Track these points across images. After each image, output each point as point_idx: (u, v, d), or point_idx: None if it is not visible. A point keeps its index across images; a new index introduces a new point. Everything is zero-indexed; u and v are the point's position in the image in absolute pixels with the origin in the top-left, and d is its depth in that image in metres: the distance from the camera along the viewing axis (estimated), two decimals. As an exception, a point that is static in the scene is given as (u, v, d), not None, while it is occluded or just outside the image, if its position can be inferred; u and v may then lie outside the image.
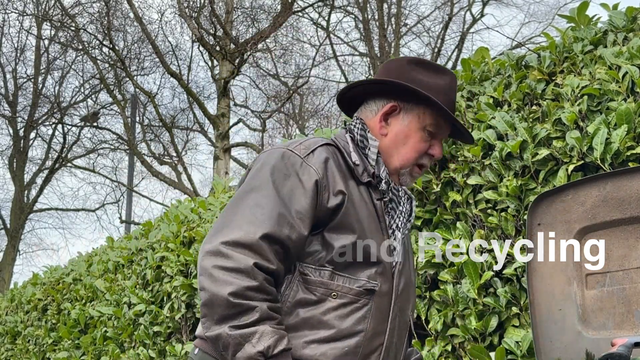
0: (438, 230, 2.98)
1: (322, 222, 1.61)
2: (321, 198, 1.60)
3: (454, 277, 2.89)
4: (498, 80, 3.14)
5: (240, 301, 1.48)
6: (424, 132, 1.74)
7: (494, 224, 2.81)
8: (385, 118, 1.77)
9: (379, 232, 1.69)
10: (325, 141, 1.72)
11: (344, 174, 1.67)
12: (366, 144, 1.75)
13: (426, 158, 1.77)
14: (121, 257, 5.61)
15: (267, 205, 1.56)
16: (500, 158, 2.83)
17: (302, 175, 1.61)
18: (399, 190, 1.78)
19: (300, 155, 1.65)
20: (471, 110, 3.11)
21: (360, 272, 1.63)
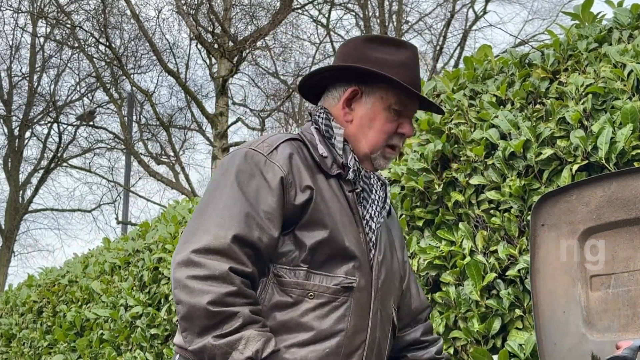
0: (440, 231, 2.98)
1: (292, 220, 1.60)
2: (288, 195, 1.59)
3: (456, 278, 2.89)
4: (501, 79, 3.14)
5: (221, 309, 1.46)
6: (389, 112, 1.71)
7: (497, 225, 2.81)
8: (347, 104, 1.74)
9: (353, 225, 1.67)
10: (290, 136, 1.71)
11: (310, 169, 1.65)
12: (332, 134, 1.72)
13: (397, 138, 1.74)
14: (118, 258, 5.61)
15: (234, 208, 1.55)
16: (504, 158, 2.83)
17: (267, 173, 1.59)
18: (370, 177, 1.75)
19: (264, 153, 1.63)
20: (474, 109, 3.11)
21: (337, 268, 1.61)
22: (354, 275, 1.63)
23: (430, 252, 2.96)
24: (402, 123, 1.73)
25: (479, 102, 3.12)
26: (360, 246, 1.67)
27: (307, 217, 1.59)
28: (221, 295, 1.46)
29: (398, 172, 3.20)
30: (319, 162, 1.68)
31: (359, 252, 1.66)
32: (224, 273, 1.48)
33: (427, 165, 3.08)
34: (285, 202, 1.59)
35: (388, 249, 1.79)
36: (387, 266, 1.76)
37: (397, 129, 1.73)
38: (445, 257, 2.96)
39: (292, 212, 1.60)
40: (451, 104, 3.20)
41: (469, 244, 2.88)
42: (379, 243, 1.75)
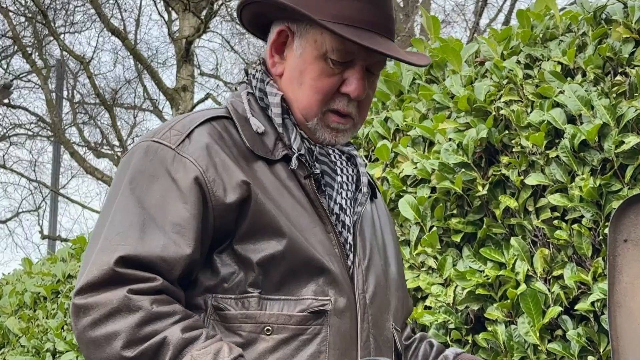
0: (485, 249, 2.98)
1: (226, 231, 1.60)
2: (210, 198, 1.58)
3: (506, 314, 2.89)
4: (568, 40, 3.14)
5: (140, 347, 1.47)
6: (325, 61, 1.68)
7: (563, 241, 2.81)
8: (278, 50, 1.74)
9: (317, 223, 1.66)
10: (211, 114, 1.70)
11: (244, 156, 1.65)
12: (267, 102, 1.73)
13: (340, 99, 1.70)
14: (43, 286, 5.61)
15: (125, 222, 1.56)
16: (572, 148, 2.82)
17: (176, 172, 1.59)
18: (329, 153, 1.74)
19: (171, 144, 1.62)
20: (531, 82, 3.10)
21: (302, 287, 1.61)
22: (327, 293, 1.62)
23: (472, 277, 2.96)
24: (347, 78, 1.69)
25: (539, 73, 3.11)
26: (331, 252, 1.66)
27: (247, 223, 1.59)
28: (132, 330, 1.48)
29: (427, 169, 3.20)
30: (254, 144, 1.67)
31: (330, 261, 1.64)
32: (123, 301, 1.49)
33: (466, 159, 3.08)
34: (208, 209, 1.58)
35: (376, 248, 1.78)
36: (377, 272, 1.75)
37: (340, 86, 1.70)
38: (491, 284, 2.95)
39: (223, 220, 1.59)
40: (500, 75, 3.19)
41: (525, 267, 2.87)
42: (361, 242, 1.74)
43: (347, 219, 1.72)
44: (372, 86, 1.76)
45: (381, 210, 1.95)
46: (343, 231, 1.70)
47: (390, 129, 3.55)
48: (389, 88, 3.72)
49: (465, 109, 3.21)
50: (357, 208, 1.76)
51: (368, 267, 1.73)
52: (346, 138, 1.75)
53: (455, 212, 3.13)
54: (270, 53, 1.75)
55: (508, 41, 3.37)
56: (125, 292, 1.50)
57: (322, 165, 1.72)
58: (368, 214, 1.83)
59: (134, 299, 1.50)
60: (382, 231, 1.87)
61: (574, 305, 2.76)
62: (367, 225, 1.80)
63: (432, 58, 3.55)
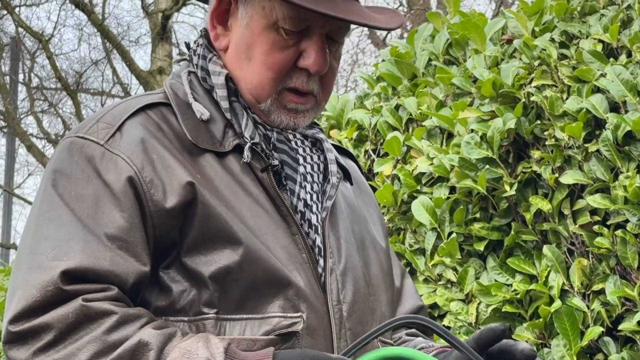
0: (513, 260, 2.98)
1: (169, 241, 1.58)
2: (147, 203, 1.56)
3: (539, 335, 2.89)
4: (611, 15, 3.13)
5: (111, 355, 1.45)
6: (276, 31, 1.66)
7: (605, 249, 2.81)
8: (220, 20, 1.72)
9: (278, 225, 1.64)
10: (145, 101, 1.68)
11: (187, 150, 1.63)
12: (211, 83, 1.70)
13: (298, 76, 1.68)
14: None
15: (61, 234, 1.54)
16: (615, 141, 2.83)
17: (106, 173, 1.57)
18: (289, 139, 1.72)
19: (99, 140, 1.60)
20: (567, 64, 3.10)
21: (267, 303, 1.58)
22: (298, 309, 1.60)
23: (498, 292, 2.96)
24: (304, 50, 1.67)
25: (576, 53, 3.11)
26: (297, 259, 1.64)
27: (195, 231, 1.57)
28: (99, 340, 1.46)
29: (445, 165, 3.20)
30: (197, 135, 1.65)
31: (296, 270, 1.62)
32: (81, 311, 1.47)
33: (491, 153, 3.08)
34: (146, 215, 1.56)
35: (354, 247, 1.76)
36: (357, 276, 1.72)
37: (295, 60, 1.67)
38: (521, 301, 2.95)
39: (164, 228, 1.57)
40: (530, 56, 3.20)
41: (559, 280, 2.87)
42: (335, 242, 1.72)
43: (314, 217, 1.69)
44: (336, 56, 1.73)
45: (362, 194, 1.93)
46: (310, 232, 1.68)
47: (402, 119, 3.54)
48: (400, 70, 3.71)
49: (489, 95, 3.21)
50: (325, 202, 1.73)
51: (344, 271, 1.70)
52: (307, 120, 1.73)
53: (478, 216, 3.13)
54: (212, 24, 1.73)
55: (540, 15, 3.37)
56: (81, 300, 1.48)
57: (282, 155, 1.69)
58: (342, 205, 1.80)
59: (94, 306, 1.48)
60: (363, 222, 1.85)
61: (618, 324, 2.76)
62: (341, 220, 1.77)
63: (451, 35, 3.55)
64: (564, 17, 3.27)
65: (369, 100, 3.83)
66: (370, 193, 1.97)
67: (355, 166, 1.98)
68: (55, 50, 16.97)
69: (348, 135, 3.70)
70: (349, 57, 18.09)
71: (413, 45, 3.76)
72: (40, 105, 17.68)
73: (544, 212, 2.98)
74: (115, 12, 22.52)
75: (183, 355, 1.44)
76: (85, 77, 17.66)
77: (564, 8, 3.27)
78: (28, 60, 17.46)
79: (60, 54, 17.73)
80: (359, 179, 1.94)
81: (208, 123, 1.67)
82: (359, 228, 1.81)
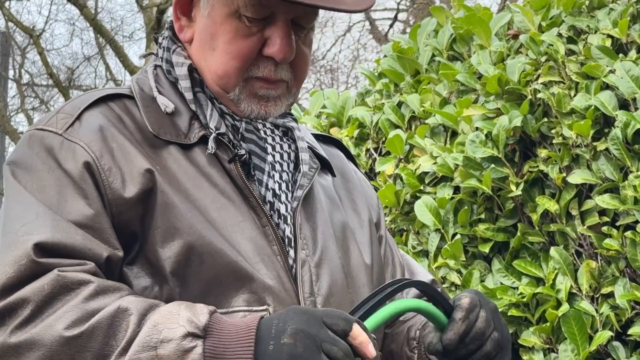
0: (519, 262, 2.97)
1: (129, 233, 1.58)
2: (105, 191, 1.58)
3: (545, 340, 2.89)
4: (620, 9, 3.13)
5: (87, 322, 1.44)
6: (238, 19, 1.67)
7: (614, 251, 2.80)
8: (184, 11, 1.74)
9: (246, 217, 1.65)
10: (107, 92, 1.70)
11: (149, 143, 1.64)
12: (176, 75, 1.72)
13: (265, 65, 1.68)
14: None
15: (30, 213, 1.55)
16: (624, 139, 2.82)
17: (65, 161, 1.59)
18: (258, 129, 1.72)
19: (58, 129, 1.62)
20: (575, 60, 3.09)
21: (231, 297, 1.59)
22: (264, 301, 1.61)
23: (503, 295, 2.95)
24: (268, 38, 1.67)
25: (584, 48, 3.10)
26: (265, 250, 1.64)
27: (155, 223, 1.58)
28: (77, 307, 1.46)
29: (449, 164, 3.20)
30: (160, 128, 1.66)
31: (263, 262, 1.63)
32: (57, 282, 1.47)
33: (497, 152, 3.08)
34: (104, 203, 1.57)
35: (332, 238, 1.75)
36: (334, 267, 1.72)
37: (260, 48, 1.68)
38: (527, 304, 2.95)
39: (122, 218, 1.58)
40: (537, 51, 3.19)
41: (567, 283, 2.86)
42: (310, 232, 1.72)
43: (283, 207, 1.69)
44: (306, 41, 1.73)
45: (350, 185, 1.92)
46: (280, 222, 1.68)
47: (405, 116, 3.54)
48: (402, 66, 3.70)
49: (495, 92, 3.21)
50: (297, 192, 1.72)
51: (319, 262, 1.70)
52: (279, 108, 1.73)
53: (483, 217, 3.13)
54: (176, 15, 1.74)
55: (547, 10, 3.37)
56: (56, 272, 1.48)
57: (250, 145, 1.69)
58: (320, 194, 1.80)
59: (70, 276, 1.48)
60: (345, 213, 1.84)
61: (627, 329, 2.75)
62: (319, 210, 1.76)
63: (455, 30, 3.55)
64: (571, 12, 3.26)
65: (370, 98, 3.83)
66: (356, 180, 1.95)
67: (342, 154, 1.97)
68: (46, 45, 17.07)
69: (349, 133, 3.70)
70: (349, 52, 18.16)
71: (416, 41, 3.75)
72: (31, 103, 17.78)
73: (551, 213, 2.98)
74: (108, 6, 22.78)
75: (164, 316, 1.45)
76: (77, 73, 17.79)
77: (571, 2, 3.26)
78: (18, 56, 17.54)
79: (52, 49, 17.84)
80: (344, 168, 1.93)
81: (173, 116, 1.68)
82: (339, 219, 1.80)
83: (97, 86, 17.89)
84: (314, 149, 1.82)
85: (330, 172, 1.87)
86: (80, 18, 15.86)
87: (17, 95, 17.38)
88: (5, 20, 15.42)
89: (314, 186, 1.78)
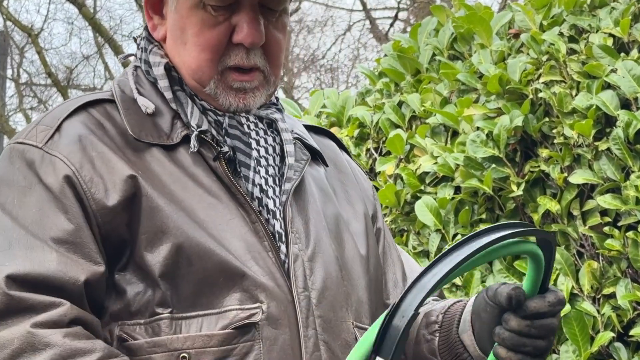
0: (520, 262, 2.97)
1: (118, 240, 1.58)
2: (88, 203, 1.57)
3: (547, 341, 2.88)
4: (622, 8, 3.13)
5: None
6: (203, 10, 1.66)
7: (616, 251, 2.80)
8: (155, 9, 1.74)
9: (234, 214, 1.64)
10: (87, 99, 1.69)
11: (131, 147, 1.64)
12: (154, 76, 1.71)
13: (237, 52, 1.68)
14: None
15: (3, 242, 1.54)
16: (626, 139, 2.82)
17: (46, 176, 1.58)
18: (241, 123, 1.71)
19: (37, 143, 1.61)
20: (576, 59, 3.10)
21: (223, 296, 1.58)
22: (257, 299, 1.60)
23: (504, 296, 2.95)
24: (236, 25, 1.67)
25: (586, 47, 3.10)
26: (256, 247, 1.63)
27: (141, 227, 1.58)
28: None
29: (449, 164, 3.20)
30: (141, 130, 1.65)
31: (254, 259, 1.62)
32: (26, 338, 1.46)
33: (498, 152, 3.08)
34: (89, 215, 1.57)
35: (324, 230, 1.74)
36: (328, 260, 1.70)
37: (229, 36, 1.67)
38: (528, 305, 2.95)
39: (109, 227, 1.57)
40: (538, 50, 3.19)
41: (569, 284, 2.86)
42: (302, 225, 1.71)
43: (271, 202, 1.68)
44: (278, 25, 1.72)
45: (343, 176, 1.90)
46: (269, 218, 1.67)
47: (405, 116, 3.53)
48: (403, 66, 3.70)
49: (496, 92, 3.21)
50: (285, 185, 1.71)
51: (313, 256, 1.68)
52: (259, 99, 1.71)
53: (484, 217, 3.13)
54: (148, 14, 1.74)
55: (548, 9, 3.37)
56: (29, 326, 1.47)
57: (234, 141, 1.68)
58: (312, 187, 1.78)
59: (40, 335, 1.47)
60: (338, 205, 1.82)
61: (629, 330, 2.76)
62: (311, 203, 1.75)
63: (456, 29, 3.55)
64: (573, 11, 3.27)
65: (370, 97, 3.82)
66: (350, 171, 1.93)
67: (334, 145, 1.95)
68: (44, 44, 17.03)
69: (349, 133, 3.69)
70: (350, 52, 18.15)
71: (416, 40, 3.75)
72: (29, 102, 17.76)
73: (553, 213, 2.98)
74: (107, 5, 22.60)
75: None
76: (76, 72, 17.76)
77: (573, 1, 3.27)
78: (17, 55, 17.51)
79: (50, 48, 17.79)
80: (336, 158, 1.91)
81: (155, 116, 1.67)
82: (332, 211, 1.78)
83: (95, 85, 17.91)
84: (303, 140, 1.80)
85: (322, 163, 1.85)
86: (79, 17, 15.86)
87: (16, 94, 17.36)
88: (4, 19, 15.41)
89: (304, 178, 1.76)
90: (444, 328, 1.74)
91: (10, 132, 14.92)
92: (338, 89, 5.05)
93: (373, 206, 1.92)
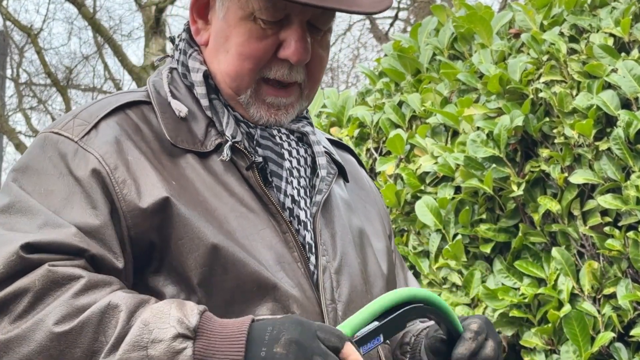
0: (520, 262, 2.98)
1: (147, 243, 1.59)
2: (119, 204, 1.58)
3: (547, 341, 2.89)
4: (622, 8, 3.13)
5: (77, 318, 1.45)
6: (253, 22, 1.66)
7: (616, 252, 2.81)
8: (200, 14, 1.74)
9: (266, 224, 1.65)
10: (126, 99, 1.70)
11: (167, 152, 1.65)
12: (191, 80, 1.72)
13: (279, 67, 1.68)
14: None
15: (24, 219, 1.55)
16: (626, 139, 2.82)
17: (77, 169, 1.59)
18: (273, 135, 1.72)
19: (73, 136, 1.62)
20: (577, 59, 3.11)
21: (255, 306, 1.60)
22: (289, 309, 1.61)
23: (505, 296, 2.96)
24: (284, 40, 1.67)
25: (586, 47, 3.11)
26: (286, 258, 1.65)
27: (174, 235, 1.58)
28: (67, 303, 1.47)
29: (450, 164, 3.21)
30: (177, 135, 1.66)
31: (283, 270, 1.63)
32: (47, 277, 1.48)
33: (498, 152, 3.09)
34: (119, 215, 1.57)
35: (350, 243, 1.77)
36: (353, 273, 1.73)
37: (276, 50, 1.67)
38: (529, 305, 2.95)
39: (139, 229, 1.58)
40: (539, 50, 3.20)
41: (569, 284, 2.87)
42: (329, 238, 1.73)
43: (303, 213, 1.69)
44: (323, 44, 1.72)
45: (364, 191, 1.92)
46: (300, 229, 1.68)
47: (406, 116, 3.54)
48: (403, 65, 3.71)
49: (496, 92, 3.21)
50: (315, 197, 1.73)
51: (339, 269, 1.71)
52: (290, 116, 1.72)
53: (484, 217, 3.13)
54: (192, 18, 1.74)
55: (549, 9, 3.37)
56: (47, 266, 1.48)
57: (265, 151, 1.69)
58: (337, 199, 1.80)
59: (60, 271, 1.48)
60: (360, 219, 1.84)
61: (629, 330, 2.76)
62: (337, 216, 1.77)
63: (456, 29, 3.56)
64: (573, 10, 3.26)
65: (370, 97, 3.83)
66: (369, 189, 1.96)
67: (355, 161, 1.97)
68: (44, 44, 16.97)
69: (349, 133, 3.70)
70: (350, 51, 18.08)
71: (417, 40, 3.75)
72: (29, 102, 17.68)
73: (553, 213, 2.99)
74: (106, 4, 22.49)
75: (155, 315, 1.45)
76: (75, 72, 17.65)
77: (573, 1, 3.27)
78: (16, 55, 17.43)
79: (50, 48, 17.73)
80: (357, 175, 1.94)
81: (189, 121, 1.68)
82: (356, 225, 1.81)
83: (95, 85, 17.80)
84: (330, 154, 1.82)
85: (344, 178, 1.86)
86: (79, 17, 15.79)
87: (15, 94, 17.27)
88: (3, 19, 15.36)
89: (331, 191, 1.77)
90: (413, 349, 1.79)
91: (9, 131, 14.87)
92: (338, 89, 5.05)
93: (389, 227, 1.95)
